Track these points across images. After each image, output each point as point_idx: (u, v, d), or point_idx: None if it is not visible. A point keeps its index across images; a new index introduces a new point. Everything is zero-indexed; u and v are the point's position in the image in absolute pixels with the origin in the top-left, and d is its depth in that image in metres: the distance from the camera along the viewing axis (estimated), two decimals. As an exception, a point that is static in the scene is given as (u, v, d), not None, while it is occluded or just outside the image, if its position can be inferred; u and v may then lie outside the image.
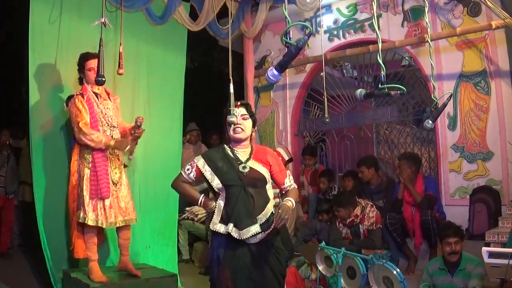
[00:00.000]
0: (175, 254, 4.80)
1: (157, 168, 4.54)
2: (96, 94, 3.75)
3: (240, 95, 5.93)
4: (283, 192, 2.82)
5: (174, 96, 4.89)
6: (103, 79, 3.01)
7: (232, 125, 2.66)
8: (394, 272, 3.16)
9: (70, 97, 3.74)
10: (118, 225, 3.68)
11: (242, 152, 2.72)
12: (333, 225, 4.50)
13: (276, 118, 6.56)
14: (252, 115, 2.76)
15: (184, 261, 5.52)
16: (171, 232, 4.77)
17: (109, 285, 3.57)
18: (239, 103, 2.75)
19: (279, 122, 6.54)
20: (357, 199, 4.45)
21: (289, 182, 2.80)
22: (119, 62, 3.47)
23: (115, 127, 3.75)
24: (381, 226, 4.35)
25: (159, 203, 4.57)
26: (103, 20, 3.09)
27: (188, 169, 2.71)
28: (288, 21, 2.55)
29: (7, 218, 5.83)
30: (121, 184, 3.70)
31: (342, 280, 3.47)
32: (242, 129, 2.68)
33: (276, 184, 2.81)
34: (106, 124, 3.70)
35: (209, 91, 8.03)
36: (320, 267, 3.66)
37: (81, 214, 3.56)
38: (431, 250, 4.46)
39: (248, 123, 2.72)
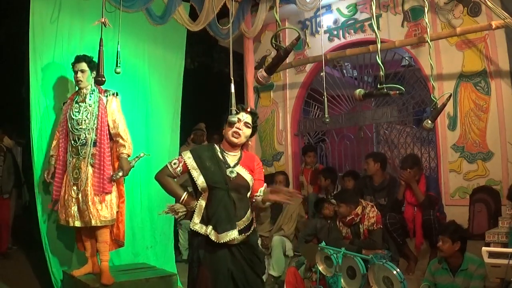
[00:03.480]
0: (173, 254, 4.81)
1: (155, 168, 4.52)
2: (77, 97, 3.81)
3: (240, 95, 5.93)
4: (253, 200, 2.75)
5: (173, 96, 4.90)
6: (103, 79, 3.01)
7: (233, 127, 2.65)
8: (394, 272, 3.16)
9: None
10: (74, 225, 3.65)
11: (232, 156, 2.70)
12: (334, 224, 4.50)
13: (276, 118, 6.57)
14: (254, 126, 2.75)
15: (184, 261, 5.51)
16: (169, 231, 4.77)
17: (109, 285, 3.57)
18: (249, 109, 2.73)
19: (279, 122, 6.54)
20: (359, 199, 4.44)
21: (262, 192, 2.74)
22: (117, 61, 3.49)
23: (84, 129, 3.68)
24: (381, 226, 4.35)
25: (157, 203, 4.56)
26: (103, 20, 3.09)
27: (175, 163, 2.68)
28: (278, 24, 2.55)
29: (5, 218, 5.82)
30: (82, 185, 3.64)
31: (342, 280, 3.47)
32: (240, 135, 2.66)
33: (252, 190, 2.76)
34: (72, 127, 3.70)
35: (209, 91, 8.03)
36: (320, 267, 3.66)
37: None
38: (431, 250, 4.45)
39: (248, 131, 2.70)
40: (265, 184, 2.79)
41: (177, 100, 4.94)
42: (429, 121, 3.70)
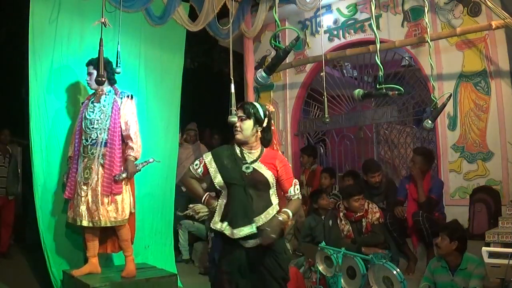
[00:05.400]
0: (172, 253, 4.79)
1: (153, 168, 4.55)
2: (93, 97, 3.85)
3: (240, 95, 5.93)
4: (287, 200, 2.71)
5: (171, 97, 4.88)
6: (103, 79, 3.02)
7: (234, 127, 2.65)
8: (394, 272, 3.17)
9: None
10: (82, 224, 3.67)
11: (250, 154, 2.66)
12: (334, 223, 4.48)
13: (276, 118, 6.56)
14: (251, 115, 2.63)
15: (184, 261, 5.52)
16: (168, 231, 4.77)
17: (109, 285, 3.57)
18: (238, 105, 2.72)
19: (279, 122, 6.54)
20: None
21: (293, 191, 2.67)
22: (117, 61, 3.51)
23: (96, 128, 3.71)
24: (383, 220, 4.41)
25: (156, 202, 4.57)
26: (103, 20, 3.09)
27: (196, 165, 2.69)
28: (277, 24, 2.56)
29: (7, 218, 5.84)
30: (93, 185, 3.66)
31: (342, 280, 3.47)
32: (239, 131, 2.63)
33: (282, 190, 2.72)
34: (85, 127, 3.74)
35: (209, 91, 8.03)
36: (320, 267, 3.67)
37: None
38: (427, 250, 4.48)
39: (246, 124, 2.63)
40: (295, 181, 2.70)
41: (176, 101, 4.92)
42: (429, 121, 3.70)
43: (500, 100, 4.73)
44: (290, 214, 2.57)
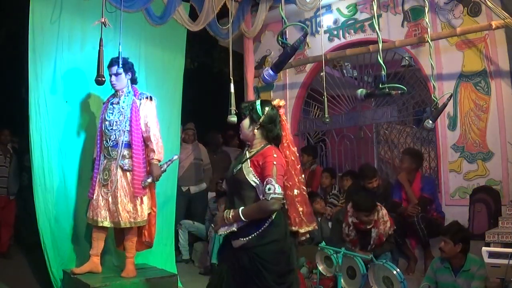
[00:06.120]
0: (173, 253, 4.80)
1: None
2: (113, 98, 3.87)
3: (240, 95, 5.93)
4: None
5: (172, 97, 4.88)
6: (103, 79, 3.02)
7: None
8: (394, 272, 3.17)
9: None
10: (103, 225, 3.69)
11: (249, 152, 2.59)
12: (339, 226, 4.37)
13: (276, 118, 6.54)
14: (247, 113, 2.60)
15: (184, 261, 5.52)
16: (169, 231, 4.77)
17: (109, 285, 3.58)
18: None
19: (279, 122, 6.52)
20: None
21: (267, 190, 2.36)
22: (118, 62, 3.51)
23: (115, 130, 3.72)
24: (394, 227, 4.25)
25: (156, 202, 4.57)
26: (103, 20, 3.10)
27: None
28: (284, 21, 2.54)
29: (8, 218, 5.84)
30: (112, 187, 3.67)
31: (342, 280, 3.47)
32: (240, 130, 2.64)
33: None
34: (105, 129, 3.76)
35: (209, 91, 8.03)
36: (320, 267, 3.67)
37: None
38: (425, 250, 4.48)
39: (243, 122, 2.61)
40: (268, 179, 2.37)
41: (177, 102, 4.92)
42: (430, 121, 3.70)
43: (500, 100, 4.73)
44: (238, 213, 2.42)
